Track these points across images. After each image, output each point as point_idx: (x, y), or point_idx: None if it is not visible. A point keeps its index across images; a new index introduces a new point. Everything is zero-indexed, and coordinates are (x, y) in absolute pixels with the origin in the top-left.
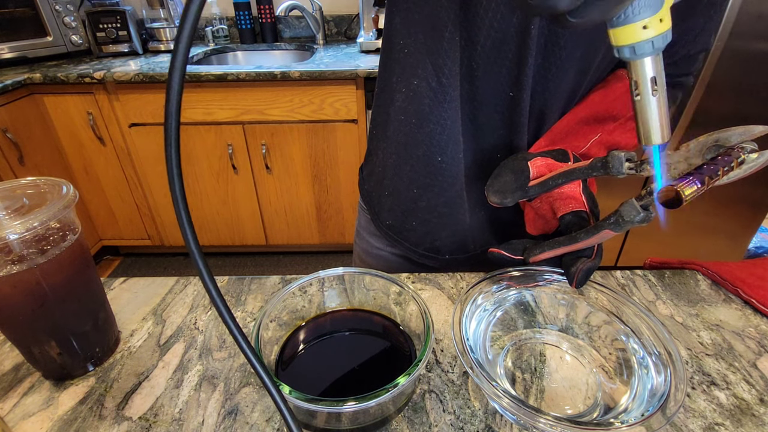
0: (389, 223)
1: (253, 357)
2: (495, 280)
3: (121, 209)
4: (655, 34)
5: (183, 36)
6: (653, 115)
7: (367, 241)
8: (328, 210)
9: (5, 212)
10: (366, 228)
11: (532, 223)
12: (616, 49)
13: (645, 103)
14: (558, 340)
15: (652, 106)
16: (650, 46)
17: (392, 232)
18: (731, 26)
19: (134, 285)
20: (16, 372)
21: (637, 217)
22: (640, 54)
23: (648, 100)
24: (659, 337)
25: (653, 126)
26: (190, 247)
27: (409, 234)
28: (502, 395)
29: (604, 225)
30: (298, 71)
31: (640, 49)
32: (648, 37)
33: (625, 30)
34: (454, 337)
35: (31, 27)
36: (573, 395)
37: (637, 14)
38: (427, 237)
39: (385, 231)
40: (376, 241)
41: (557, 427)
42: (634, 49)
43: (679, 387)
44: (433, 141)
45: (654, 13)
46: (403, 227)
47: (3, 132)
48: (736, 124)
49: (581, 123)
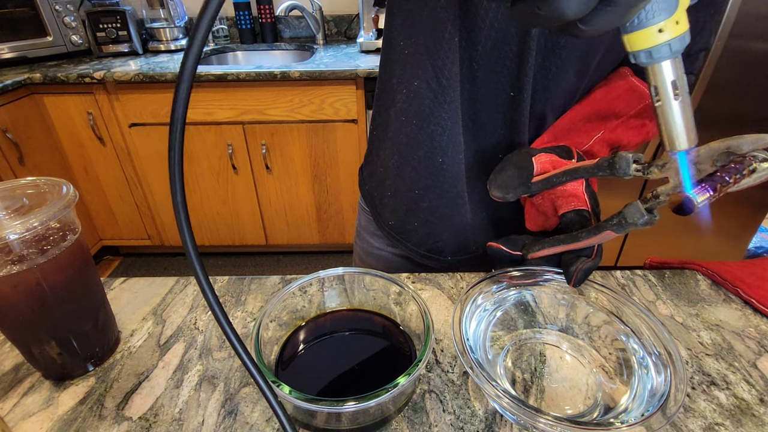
0: (392, 224)
1: (244, 354)
2: (495, 280)
3: (121, 209)
4: (671, 37)
5: (191, 54)
6: (677, 120)
7: (367, 242)
8: (328, 210)
9: (5, 212)
10: (366, 228)
11: (532, 220)
12: (632, 54)
13: (667, 108)
14: (558, 340)
15: (675, 110)
16: (668, 49)
17: (394, 233)
18: (731, 26)
19: (134, 285)
20: (16, 372)
21: (640, 219)
22: (658, 58)
23: (670, 105)
24: (659, 337)
25: (678, 131)
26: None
27: (410, 235)
28: (502, 395)
29: (606, 226)
30: (298, 71)
31: (657, 53)
32: (664, 41)
33: (639, 35)
34: (454, 337)
35: (31, 27)
36: (573, 395)
37: (651, 18)
38: (428, 238)
39: (388, 231)
40: (376, 242)
41: (557, 427)
42: (651, 53)
43: (679, 387)
44: (434, 142)
45: (669, 16)
46: (405, 228)
47: (3, 132)
48: (736, 124)
49: (584, 120)
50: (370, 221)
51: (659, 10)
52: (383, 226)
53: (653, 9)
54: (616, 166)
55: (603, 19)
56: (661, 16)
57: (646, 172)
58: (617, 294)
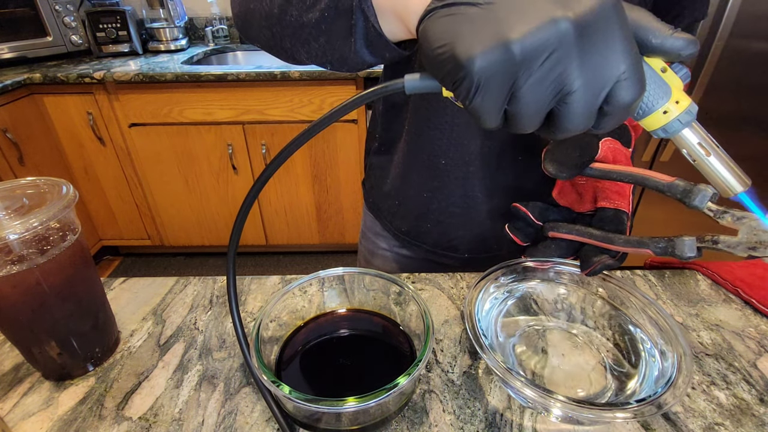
0: (404, 230)
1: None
2: (507, 270)
3: (121, 209)
4: (677, 114)
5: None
6: (720, 172)
7: (373, 242)
8: (328, 210)
9: (5, 212)
10: (371, 229)
11: (565, 194)
12: (652, 132)
13: (705, 166)
14: (567, 327)
15: (714, 165)
16: (678, 123)
17: (409, 237)
18: (731, 26)
19: (134, 285)
20: (16, 372)
21: (687, 254)
22: (673, 132)
23: (707, 163)
24: (667, 323)
25: (726, 179)
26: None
27: (425, 237)
28: (516, 377)
29: (649, 245)
30: (298, 71)
31: (671, 129)
32: (672, 119)
33: (649, 120)
34: (467, 323)
35: (31, 27)
36: (583, 379)
37: (652, 107)
38: (443, 237)
39: (402, 237)
40: (382, 242)
41: (571, 406)
42: (665, 130)
43: (685, 368)
44: (434, 146)
45: (667, 100)
46: (419, 231)
47: (3, 132)
48: (736, 124)
49: None
50: (375, 222)
51: (656, 98)
52: (397, 233)
53: (650, 99)
54: (691, 196)
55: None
56: (661, 102)
57: (719, 216)
58: (624, 283)
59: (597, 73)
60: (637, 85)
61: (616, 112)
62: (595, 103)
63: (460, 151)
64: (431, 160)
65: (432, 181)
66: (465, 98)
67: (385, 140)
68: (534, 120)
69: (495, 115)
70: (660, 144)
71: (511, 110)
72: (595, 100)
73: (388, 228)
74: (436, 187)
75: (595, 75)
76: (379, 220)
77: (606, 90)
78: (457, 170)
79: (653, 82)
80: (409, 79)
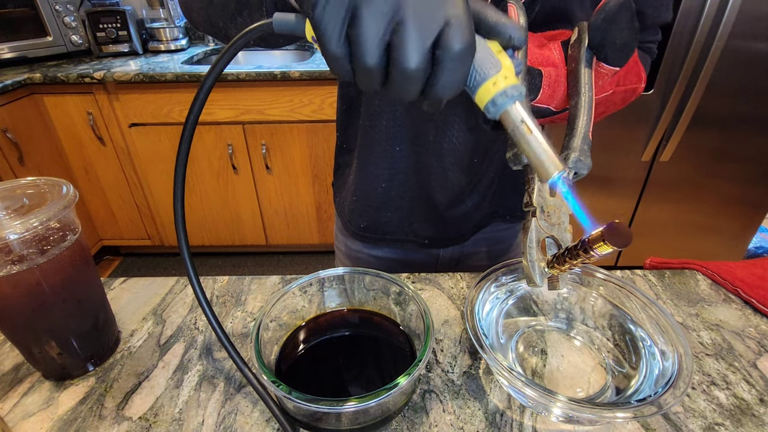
0: (364, 226)
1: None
2: (507, 270)
3: (121, 209)
4: (505, 86)
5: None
6: (539, 151)
7: (345, 244)
8: (328, 210)
9: (5, 212)
10: (343, 231)
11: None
12: (484, 110)
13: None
14: (567, 328)
15: (533, 144)
16: (505, 97)
17: (369, 232)
18: (731, 26)
19: (134, 285)
20: (16, 372)
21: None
22: (501, 105)
23: (528, 140)
24: (667, 322)
25: (544, 160)
26: (181, 249)
27: (386, 226)
28: (516, 377)
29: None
30: (298, 71)
31: (499, 101)
32: (500, 90)
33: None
34: (468, 323)
35: (31, 27)
36: (583, 379)
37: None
38: (404, 222)
39: (361, 235)
40: (353, 244)
41: (572, 406)
42: (494, 102)
43: (686, 368)
44: (388, 134)
45: (497, 73)
46: (380, 221)
47: (3, 132)
48: (736, 124)
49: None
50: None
51: (488, 67)
52: (356, 233)
53: (482, 68)
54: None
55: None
56: (492, 72)
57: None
58: (624, 283)
59: (427, 8)
60: (465, 32)
61: (448, 60)
62: (426, 40)
63: (415, 137)
64: (386, 150)
65: (388, 171)
66: (309, 9)
67: (345, 139)
68: (374, 50)
69: (337, 37)
70: (660, 144)
71: (351, 34)
72: (425, 36)
73: (348, 229)
74: (392, 175)
75: (424, 9)
76: (342, 222)
77: (436, 30)
78: (412, 155)
79: (487, 53)
80: (277, 17)
